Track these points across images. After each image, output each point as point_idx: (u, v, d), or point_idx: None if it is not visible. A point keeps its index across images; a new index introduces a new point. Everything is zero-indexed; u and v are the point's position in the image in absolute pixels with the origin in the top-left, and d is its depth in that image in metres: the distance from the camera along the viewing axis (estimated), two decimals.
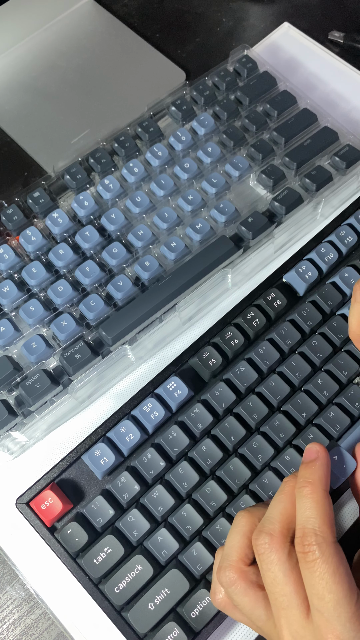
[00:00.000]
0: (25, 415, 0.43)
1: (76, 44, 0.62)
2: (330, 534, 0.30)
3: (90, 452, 0.41)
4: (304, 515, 0.31)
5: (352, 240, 0.48)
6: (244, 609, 0.32)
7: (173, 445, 0.41)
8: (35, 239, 0.48)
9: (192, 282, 0.46)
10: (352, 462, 0.37)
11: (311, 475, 0.33)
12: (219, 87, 0.56)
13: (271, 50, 0.62)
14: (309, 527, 0.31)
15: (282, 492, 0.33)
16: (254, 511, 0.35)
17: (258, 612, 0.32)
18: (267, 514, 0.33)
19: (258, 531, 0.32)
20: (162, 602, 0.37)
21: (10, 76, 0.60)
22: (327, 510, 0.31)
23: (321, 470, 0.33)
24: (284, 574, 0.31)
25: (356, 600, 0.29)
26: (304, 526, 0.31)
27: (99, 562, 0.38)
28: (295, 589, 0.30)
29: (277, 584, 0.31)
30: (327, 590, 0.29)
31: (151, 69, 0.60)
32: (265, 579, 0.31)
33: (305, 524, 0.31)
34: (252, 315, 0.45)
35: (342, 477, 0.36)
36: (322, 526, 0.30)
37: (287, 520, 0.32)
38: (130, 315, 0.45)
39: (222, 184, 0.51)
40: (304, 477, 0.33)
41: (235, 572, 0.33)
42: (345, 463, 0.37)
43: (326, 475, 0.33)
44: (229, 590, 0.33)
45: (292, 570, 0.31)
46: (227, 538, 0.34)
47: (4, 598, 0.42)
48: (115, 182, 0.51)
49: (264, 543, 0.32)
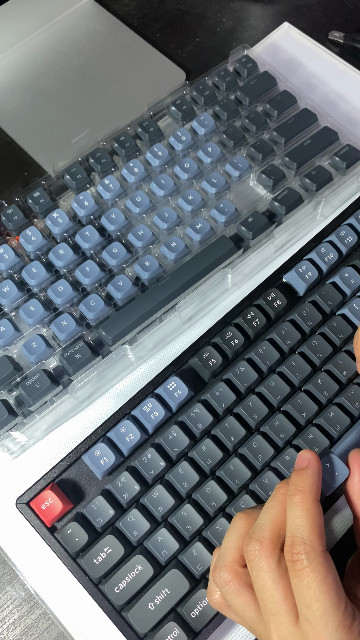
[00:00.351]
0: (25, 415, 0.43)
1: (76, 44, 0.62)
2: (319, 543, 0.31)
3: (90, 452, 0.41)
4: (294, 523, 0.31)
5: (352, 240, 0.48)
6: (237, 610, 0.33)
7: (173, 445, 0.41)
8: (35, 239, 0.48)
9: (192, 282, 0.46)
10: (345, 469, 0.37)
11: (302, 483, 0.33)
12: (219, 87, 0.56)
13: (271, 50, 0.62)
14: (298, 536, 0.31)
15: (273, 498, 0.33)
16: (252, 513, 0.35)
17: (250, 614, 0.32)
18: (258, 520, 0.33)
19: (249, 537, 0.32)
20: (162, 602, 0.37)
21: (10, 76, 0.60)
22: (316, 519, 0.31)
23: (312, 478, 0.33)
24: (273, 581, 0.31)
25: (344, 609, 0.29)
26: (293, 534, 0.31)
27: (99, 562, 0.38)
28: (284, 595, 0.30)
29: (266, 590, 0.31)
30: (315, 599, 0.29)
31: (151, 69, 0.60)
32: (255, 585, 0.32)
33: (294, 533, 0.31)
34: (252, 315, 0.45)
35: (333, 485, 0.37)
36: (311, 535, 0.31)
37: (277, 528, 0.32)
38: (130, 315, 0.45)
39: (222, 184, 0.51)
40: (295, 485, 0.33)
41: (229, 573, 0.33)
42: (337, 470, 0.37)
43: (317, 483, 0.33)
44: (223, 590, 0.33)
45: (282, 578, 0.31)
46: (224, 539, 0.34)
47: (4, 598, 0.42)
48: (115, 182, 0.51)
49: (253, 550, 0.32)
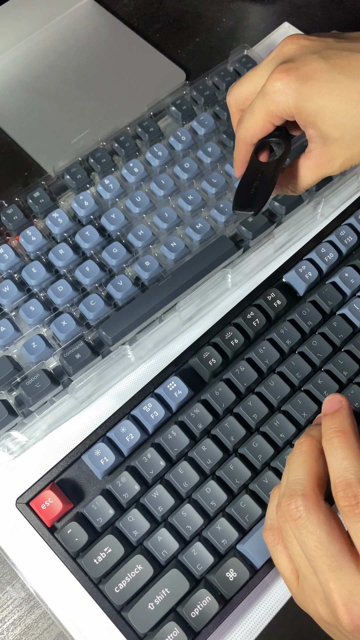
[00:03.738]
0: (25, 415, 0.43)
1: (76, 44, 0.62)
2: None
3: (90, 452, 0.41)
4: (342, 466, 0.29)
5: (352, 240, 0.48)
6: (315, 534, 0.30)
7: (173, 445, 0.41)
8: (35, 239, 0.48)
9: (192, 282, 0.46)
10: None
11: (340, 424, 0.31)
12: (219, 87, 0.56)
13: (271, 50, 0.62)
14: (352, 477, 0.29)
15: (301, 453, 0.32)
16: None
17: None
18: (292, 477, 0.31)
19: (288, 495, 0.30)
20: (162, 602, 0.37)
21: (10, 76, 0.60)
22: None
23: (349, 418, 0.31)
24: (328, 534, 0.29)
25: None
26: (345, 477, 0.29)
27: (99, 562, 0.38)
28: (341, 547, 0.28)
29: (322, 546, 0.29)
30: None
31: (151, 69, 0.60)
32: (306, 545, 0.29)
33: (345, 475, 0.29)
34: (252, 315, 0.45)
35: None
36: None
37: (316, 478, 0.30)
38: (130, 315, 0.45)
39: (222, 184, 0.51)
40: (332, 428, 0.31)
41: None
42: None
43: (354, 423, 0.31)
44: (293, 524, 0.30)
45: (335, 529, 0.29)
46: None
47: (4, 598, 0.42)
48: (115, 182, 0.51)
49: (298, 507, 0.30)
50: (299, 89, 0.35)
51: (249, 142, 0.39)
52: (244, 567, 0.38)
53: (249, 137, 0.39)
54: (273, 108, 0.36)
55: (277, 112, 0.36)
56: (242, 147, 0.40)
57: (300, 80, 0.35)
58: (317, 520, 0.29)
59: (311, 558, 0.29)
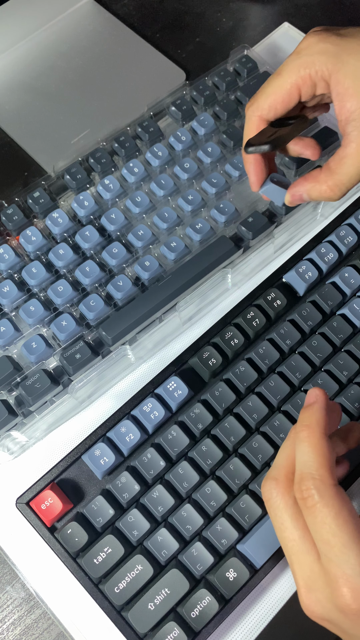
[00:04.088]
0: (25, 415, 0.43)
1: (76, 44, 0.62)
2: (328, 476, 0.29)
3: (90, 452, 0.41)
4: (301, 460, 0.30)
5: (352, 240, 0.48)
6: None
7: (173, 445, 0.41)
8: (35, 239, 0.48)
9: (192, 282, 0.46)
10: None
11: (308, 418, 0.31)
12: (219, 87, 0.56)
13: (271, 50, 0.62)
14: (306, 472, 0.29)
15: (287, 439, 0.33)
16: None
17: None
18: (274, 461, 0.32)
19: (265, 478, 0.32)
20: (162, 602, 0.37)
21: (10, 76, 0.60)
22: (324, 453, 0.30)
23: (318, 413, 0.31)
24: (291, 519, 0.30)
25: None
26: (301, 471, 0.30)
27: (99, 562, 0.38)
28: (302, 534, 0.30)
29: (285, 529, 0.30)
30: (332, 534, 0.28)
31: (151, 69, 0.60)
32: (274, 524, 0.31)
33: (302, 469, 0.30)
34: (252, 315, 0.45)
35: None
36: (320, 469, 0.29)
37: (291, 465, 0.31)
38: (130, 315, 0.45)
39: (222, 184, 0.51)
40: (302, 422, 0.31)
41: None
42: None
43: (324, 418, 0.31)
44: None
45: (300, 516, 0.30)
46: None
47: (4, 598, 0.42)
48: (115, 182, 0.51)
49: (270, 489, 0.31)
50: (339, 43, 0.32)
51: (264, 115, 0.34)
52: (244, 567, 0.38)
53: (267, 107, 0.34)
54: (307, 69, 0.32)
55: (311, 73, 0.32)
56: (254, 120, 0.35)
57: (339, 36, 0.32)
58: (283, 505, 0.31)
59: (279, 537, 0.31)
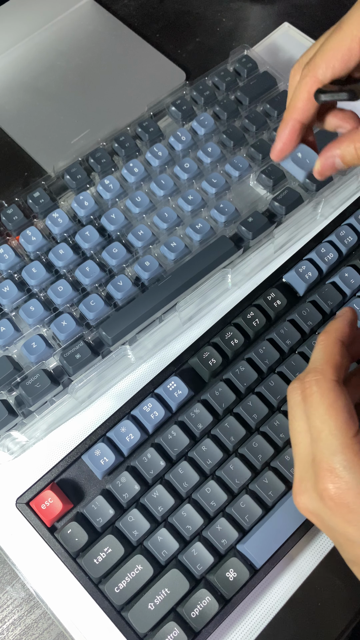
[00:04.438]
0: (25, 415, 0.43)
1: (76, 44, 0.62)
2: (331, 372, 0.31)
3: (90, 452, 0.41)
4: (312, 358, 0.33)
5: (352, 240, 0.48)
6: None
7: (173, 445, 0.41)
8: (35, 239, 0.48)
9: (192, 282, 0.46)
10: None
11: (329, 326, 0.34)
12: (219, 87, 0.56)
13: (271, 50, 0.62)
14: (312, 367, 0.32)
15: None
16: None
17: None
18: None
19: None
20: (162, 602, 0.37)
21: (10, 76, 0.60)
22: (333, 352, 0.32)
23: (340, 323, 0.34)
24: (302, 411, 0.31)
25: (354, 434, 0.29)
26: (309, 366, 0.32)
27: (99, 562, 0.38)
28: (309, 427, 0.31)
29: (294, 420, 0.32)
30: (321, 420, 0.30)
31: (151, 69, 0.60)
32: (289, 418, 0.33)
33: (310, 365, 0.32)
34: (252, 315, 0.45)
35: None
36: (324, 365, 0.31)
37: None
38: (130, 315, 0.45)
39: (222, 184, 0.51)
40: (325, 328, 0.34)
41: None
42: None
43: (343, 327, 0.33)
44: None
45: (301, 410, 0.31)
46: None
47: (4, 598, 0.42)
48: (115, 182, 0.51)
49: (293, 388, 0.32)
50: None
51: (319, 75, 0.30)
52: (244, 567, 0.38)
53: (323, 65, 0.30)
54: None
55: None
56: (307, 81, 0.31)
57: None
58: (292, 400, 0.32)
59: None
